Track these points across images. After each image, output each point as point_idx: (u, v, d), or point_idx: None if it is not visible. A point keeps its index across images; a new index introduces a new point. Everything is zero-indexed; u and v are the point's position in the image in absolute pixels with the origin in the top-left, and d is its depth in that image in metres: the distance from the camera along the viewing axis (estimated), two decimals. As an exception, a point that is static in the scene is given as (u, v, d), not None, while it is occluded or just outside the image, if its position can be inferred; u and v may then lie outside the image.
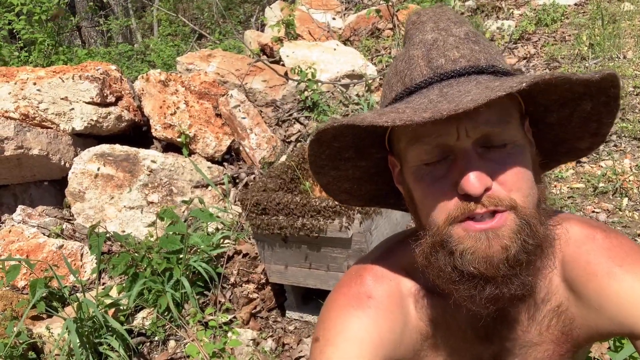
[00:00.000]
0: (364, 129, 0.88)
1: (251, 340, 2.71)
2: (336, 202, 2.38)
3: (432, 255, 0.88)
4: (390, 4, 5.69)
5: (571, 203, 3.16)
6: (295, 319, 2.92)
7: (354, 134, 0.93)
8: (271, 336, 2.80)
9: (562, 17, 5.88)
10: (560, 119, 0.97)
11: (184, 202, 3.27)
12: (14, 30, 6.93)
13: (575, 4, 6.36)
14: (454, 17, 0.94)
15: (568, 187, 3.32)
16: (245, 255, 3.15)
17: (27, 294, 3.17)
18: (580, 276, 0.94)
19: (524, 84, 0.74)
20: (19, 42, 7.01)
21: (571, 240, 0.97)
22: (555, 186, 3.36)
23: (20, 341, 2.72)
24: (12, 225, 3.58)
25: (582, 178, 3.36)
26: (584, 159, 3.53)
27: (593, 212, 3.05)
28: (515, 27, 5.71)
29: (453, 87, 0.82)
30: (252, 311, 2.95)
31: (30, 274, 3.24)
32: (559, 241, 0.97)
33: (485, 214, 0.82)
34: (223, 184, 3.81)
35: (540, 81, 0.77)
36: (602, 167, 3.40)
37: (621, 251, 0.93)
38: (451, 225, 0.84)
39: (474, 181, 0.80)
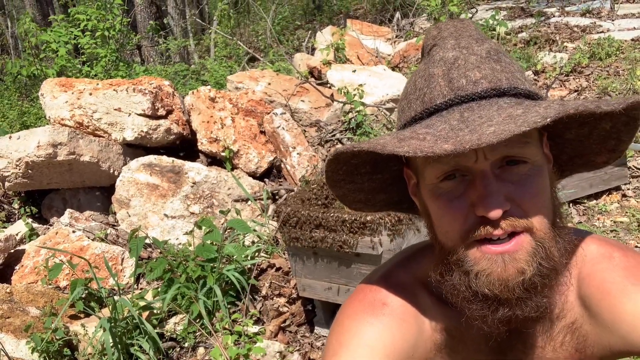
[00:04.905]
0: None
1: (278, 352, 2.72)
2: (368, 219, 2.40)
3: (447, 272, 0.90)
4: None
5: (614, 236, 3.07)
6: (323, 335, 2.92)
7: (372, 152, 0.95)
8: (298, 350, 2.81)
9: (617, 52, 5.77)
10: (578, 136, 0.97)
11: (222, 212, 3.34)
12: (78, 45, 7.29)
13: (633, 39, 6.22)
14: (476, 33, 0.94)
15: (612, 221, 3.23)
16: (278, 269, 3.19)
17: (67, 293, 3.28)
18: (594, 294, 0.92)
19: (548, 119, 0.74)
20: (82, 56, 7.36)
21: (588, 257, 0.96)
22: (598, 219, 3.27)
23: (57, 337, 2.82)
24: (60, 228, 3.73)
25: (626, 212, 3.26)
26: (630, 194, 3.44)
27: (636, 246, 2.95)
28: (568, 59, 5.63)
29: (474, 111, 0.83)
30: (282, 324, 2.97)
31: (72, 275, 3.36)
32: (575, 258, 0.96)
33: (502, 235, 0.83)
34: (262, 199, 3.87)
35: (564, 116, 0.76)
36: (649, 202, 3.30)
37: (638, 271, 0.91)
38: (468, 245, 0.85)
39: (492, 206, 0.80)
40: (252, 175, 4.17)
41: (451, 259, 0.88)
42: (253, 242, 3.45)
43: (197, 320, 2.91)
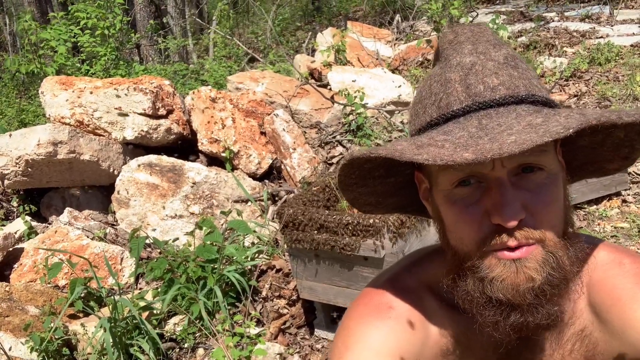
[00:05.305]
0: None
1: (278, 354, 2.72)
2: (371, 222, 2.40)
3: (460, 278, 0.89)
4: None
5: (614, 242, 3.07)
6: (323, 338, 2.92)
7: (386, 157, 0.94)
8: (298, 352, 2.81)
9: (617, 57, 5.78)
10: (592, 143, 0.96)
11: (223, 212, 3.34)
12: (78, 44, 7.27)
13: (632, 45, 6.24)
14: (493, 38, 0.93)
15: (612, 226, 3.24)
16: (278, 271, 3.18)
17: (67, 292, 3.27)
18: (604, 301, 0.92)
19: (571, 130, 0.73)
20: (82, 55, 7.34)
21: (598, 264, 0.96)
22: (599, 224, 3.28)
23: (56, 337, 2.81)
24: (59, 227, 3.71)
25: (627, 218, 3.27)
26: (630, 199, 3.45)
27: (636, 252, 2.96)
28: (568, 64, 5.65)
29: (492, 118, 0.81)
30: (282, 326, 2.97)
31: (71, 274, 3.35)
32: (586, 265, 0.96)
33: (516, 246, 0.83)
34: (262, 200, 3.87)
35: (587, 127, 0.76)
36: (649, 208, 3.31)
37: None
38: (483, 252, 0.85)
39: (509, 215, 0.80)
40: (252, 176, 4.16)
41: (465, 265, 0.88)
42: (253, 244, 3.44)
43: (197, 321, 2.91)
